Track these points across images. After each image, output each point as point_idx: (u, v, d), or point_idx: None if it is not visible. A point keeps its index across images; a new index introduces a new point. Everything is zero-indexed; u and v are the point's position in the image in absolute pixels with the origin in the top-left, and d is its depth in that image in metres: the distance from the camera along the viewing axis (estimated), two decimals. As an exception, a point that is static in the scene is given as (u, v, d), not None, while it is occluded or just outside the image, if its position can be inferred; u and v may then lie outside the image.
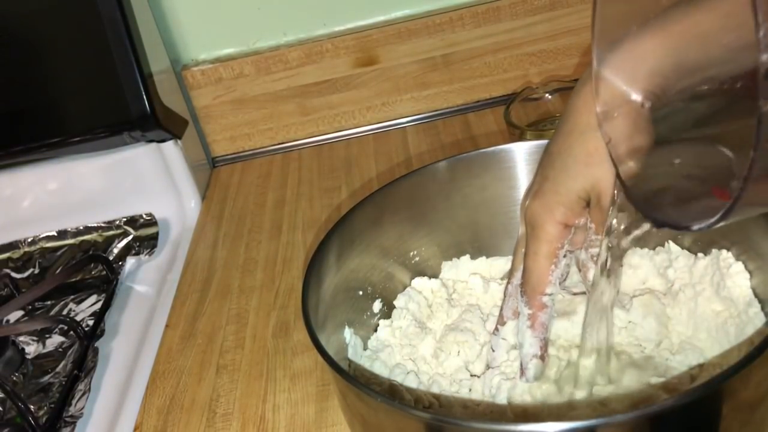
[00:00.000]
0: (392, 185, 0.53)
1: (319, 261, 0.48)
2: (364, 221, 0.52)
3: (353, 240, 0.51)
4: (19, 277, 0.81)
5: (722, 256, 0.47)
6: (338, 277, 0.50)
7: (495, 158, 0.54)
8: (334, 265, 0.50)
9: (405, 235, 0.55)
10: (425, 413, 0.39)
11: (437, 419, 0.37)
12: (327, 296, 0.48)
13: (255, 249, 0.76)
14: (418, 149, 0.86)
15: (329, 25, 0.90)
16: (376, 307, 0.54)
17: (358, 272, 0.53)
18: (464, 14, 0.87)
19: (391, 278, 0.55)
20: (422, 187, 0.54)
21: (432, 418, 0.37)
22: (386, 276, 0.55)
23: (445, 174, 0.54)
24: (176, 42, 0.90)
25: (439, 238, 0.56)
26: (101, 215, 0.82)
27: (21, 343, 0.71)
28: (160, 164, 0.82)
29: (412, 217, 0.55)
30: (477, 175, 0.54)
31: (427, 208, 0.55)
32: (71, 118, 0.80)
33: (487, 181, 0.55)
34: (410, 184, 0.54)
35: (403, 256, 0.55)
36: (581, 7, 0.87)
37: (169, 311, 0.71)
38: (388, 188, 0.53)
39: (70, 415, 0.60)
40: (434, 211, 0.55)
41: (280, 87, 0.90)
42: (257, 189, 0.87)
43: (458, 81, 0.91)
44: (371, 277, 0.54)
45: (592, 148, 0.40)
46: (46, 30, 0.78)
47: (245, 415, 0.57)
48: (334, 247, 0.49)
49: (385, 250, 0.54)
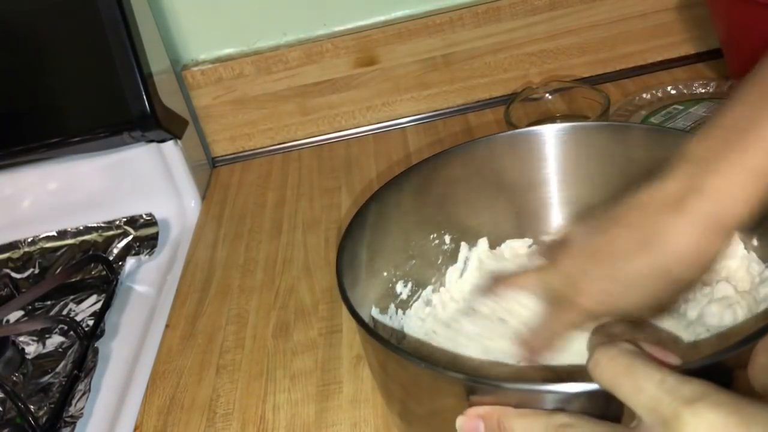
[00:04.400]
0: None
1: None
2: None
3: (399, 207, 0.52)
4: (19, 277, 0.81)
5: None
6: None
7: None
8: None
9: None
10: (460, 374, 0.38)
11: (472, 380, 0.36)
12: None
13: (255, 249, 0.76)
14: (419, 149, 0.86)
15: (329, 25, 0.90)
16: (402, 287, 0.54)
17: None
18: (464, 14, 0.87)
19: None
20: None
21: (466, 378, 0.36)
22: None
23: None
24: (176, 42, 0.90)
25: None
26: (101, 215, 0.82)
27: (21, 343, 0.71)
28: (160, 164, 0.82)
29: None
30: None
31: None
32: (71, 118, 0.80)
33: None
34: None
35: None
36: (581, 7, 0.87)
37: (169, 311, 0.71)
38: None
39: (70, 415, 0.60)
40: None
41: (280, 87, 0.90)
42: (257, 189, 0.87)
43: (458, 81, 0.91)
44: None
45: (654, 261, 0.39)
46: (46, 30, 0.78)
47: (245, 415, 0.57)
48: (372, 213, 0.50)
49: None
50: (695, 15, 0.88)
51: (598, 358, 0.33)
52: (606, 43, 0.89)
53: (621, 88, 0.87)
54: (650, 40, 0.89)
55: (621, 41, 0.89)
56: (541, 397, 0.34)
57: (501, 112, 0.74)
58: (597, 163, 0.54)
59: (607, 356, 0.32)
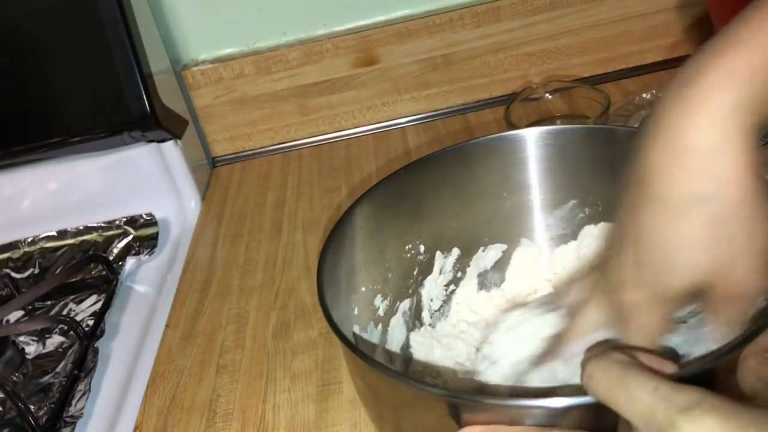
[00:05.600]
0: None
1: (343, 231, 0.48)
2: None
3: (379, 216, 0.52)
4: (19, 277, 0.81)
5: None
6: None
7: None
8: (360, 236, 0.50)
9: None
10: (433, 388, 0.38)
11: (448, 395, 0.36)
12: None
13: (255, 249, 0.76)
14: (418, 149, 0.86)
15: (329, 25, 0.90)
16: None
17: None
18: (464, 14, 0.87)
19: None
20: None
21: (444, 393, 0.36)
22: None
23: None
24: (176, 42, 0.90)
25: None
26: (101, 215, 0.82)
27: (21, 343, 0.71)
28: (160, 164, 0.82)
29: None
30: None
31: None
32: (71, 118, 0.80)
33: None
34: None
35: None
36: (581, 7, 0.87)
37: (169, 311, 0.71)
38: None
39: (70, 415, 0.60)
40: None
41: (280, 87, 0.90)
42: (257, 189, 0.87)
43: (458, 81, 0.91)
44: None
45: (698, 225, 0.33)
46: (46, 30, 0.78)
47: (245, 415, 0.57)
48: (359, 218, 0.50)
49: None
50: (695, 15, 0.88)
51: (591, 370, 0.32)
52: (606, 43, 0.89)
53: (621, 88, 0.87)
54: (650, 40, 0.89)
55: (621, 41, 0.89)
56: (531, 412, 0.33)
57: (501, 112, 0.74)
58: (575, 167, 0.53)
59: (600, 368, 0.32)
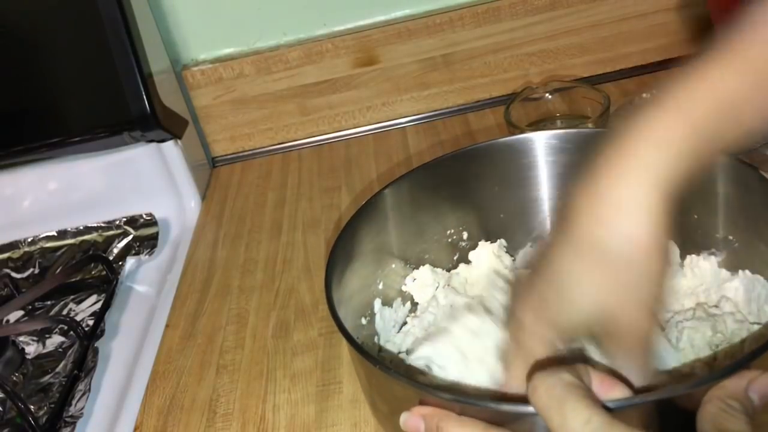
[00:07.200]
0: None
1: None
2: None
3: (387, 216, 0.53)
4: (19, 277, 0.81)
5: None
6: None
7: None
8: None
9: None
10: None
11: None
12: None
13: (255, 249, 0.76)
14: (418, 149, 0.86)
15: (329, 25, 0.90)
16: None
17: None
18: (464, 14, 0.87)
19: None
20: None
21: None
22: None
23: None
24: (176, 42, 0.90)
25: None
26: (101, 215, 0.82)
27: (21, 343, 0.71)
28: (160, 164, 0.82)
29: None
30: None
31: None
32: (71, 118, 0.80)
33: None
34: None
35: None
36: (581, 7, 0.87)
37: (169, 311, 0.71)
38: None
39: (70, 415, 0.60)
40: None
41: (280, 87, 0.90)
42: (257, 189, 0.87)
43: (458, 81, 0.91)
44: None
45: (595, 268, 0.34)
46: (46, 30, 0.78)
47: (245, 415, 0.57)
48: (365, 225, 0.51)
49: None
50: (695, 15, 0.88)
51: (536, 384, 0.33)
52: (606, 43, 0.89)
53: (621, 88, 0.87)
54: (650, 40, 0.89)
55: (621, 41, 0.89)
56: (480, 411, 0.35)
57: (501, 112, 0.74)
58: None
59: (545, 385, 0.32)
